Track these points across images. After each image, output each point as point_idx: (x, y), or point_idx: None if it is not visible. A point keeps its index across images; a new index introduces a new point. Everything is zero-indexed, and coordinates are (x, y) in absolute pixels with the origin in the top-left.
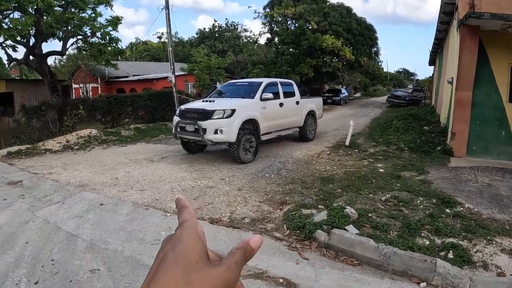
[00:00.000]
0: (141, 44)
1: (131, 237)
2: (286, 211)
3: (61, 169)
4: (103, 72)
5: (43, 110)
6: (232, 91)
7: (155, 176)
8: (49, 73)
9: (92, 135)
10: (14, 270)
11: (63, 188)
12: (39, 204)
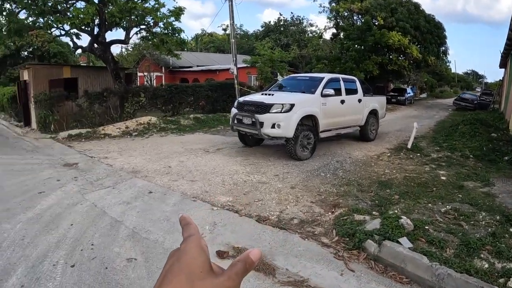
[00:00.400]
0: (207, 35)
1: (174, 229)
2: (338, 215)
3: (117, 154)
4: (167, 61)
5: (105, 96)
6: (293, 86)
7: (208, 168)
8: (112, 61)
9: (151, 122)
10: (54, 251)
11: (115, 173)
12: (90, 187)
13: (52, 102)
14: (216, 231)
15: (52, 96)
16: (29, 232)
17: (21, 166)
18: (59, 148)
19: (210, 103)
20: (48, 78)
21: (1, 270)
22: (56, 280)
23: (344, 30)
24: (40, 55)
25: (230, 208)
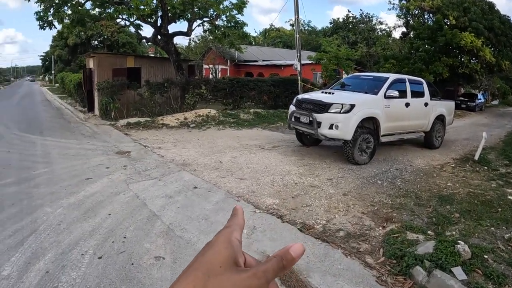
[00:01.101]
0: (274, 30)
1: (211, 229)
2: (389, 231)
3: (171, 145)
4: (233, 55)
5: (166, 86)
6: (355, 85)
7: (260, 166)
8: (174, 52)
9: (210, 115)
10: (86, 240)
11: (165, 164)
12: (137, 177)
13: (114, 90)
14: (253, 237)
15: (114, 84)
16: (67, 218)
17: (75, 150)
18: (116, 135)
19: (272, 99)
20: (112, 66)
21: (32, 254)
22: (81, 270)
23: (414, 29)
24: (109, 44)
25: (274, 212)
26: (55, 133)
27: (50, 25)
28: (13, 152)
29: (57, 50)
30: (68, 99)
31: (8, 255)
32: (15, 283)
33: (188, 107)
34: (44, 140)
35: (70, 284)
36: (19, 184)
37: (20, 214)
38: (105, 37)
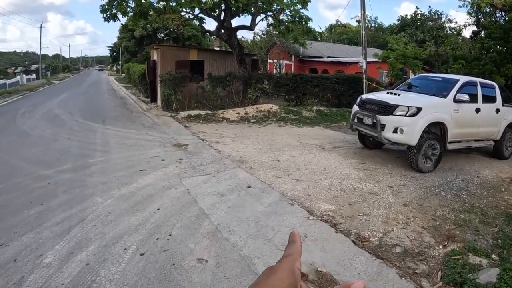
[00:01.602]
0: (340, 26)
1: (260, 234)
2: (450, 251)
3: (229, 140)
4: (298, 50)
5: (228, 80)
6: (423, 86)
7: (318, 167)
8: (237, 46)
9: (272, 110)
10: (131, 234)
11: (221, 160)
12: (191, 172)
13: (176, 82)
14: (303, 246)
15: (176, 76)
16: (116, 210)
17: (134, 141)
18: (175, 127)
19: (336, 97)
20: (175, 59)
21: (76, 244)
22: (121, 266)
23: (485, 28)
24: (175, 37)
25: (328, 220)
26: (117, 123)
27: (114, 18)
28: (73, 139)
29: (124, 42)
30: (133, 89)
31: (52, 243)
32: (54, 273)
33: (250, 101)
34: (105, 129)
35: (108, 279)
36: (75, 172)
37: (71, 202)
38: (171, 30)
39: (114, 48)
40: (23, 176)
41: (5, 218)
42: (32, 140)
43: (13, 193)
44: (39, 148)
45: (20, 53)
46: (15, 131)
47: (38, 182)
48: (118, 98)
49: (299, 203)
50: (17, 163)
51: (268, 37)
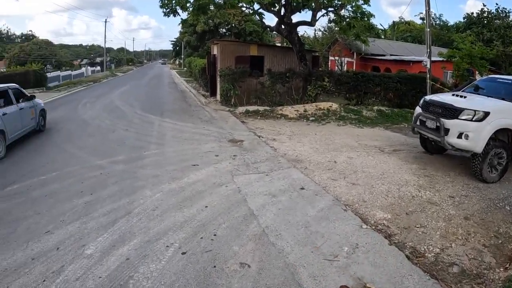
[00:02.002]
0: (404, 24)
1: (308, 240)
2: (510, 276)
3: (286, 138)
4: (360, 47)
5: (288, 76)
6: (491, 89)
7: (376, 171)
8: (298, 42)
9: (331, 109)
10: (175, 231)
11: (275, 158)
12: (244, 169)
13: (235, 77)
14: (353, 257)
15: (235, 71)
16: (163, 204)
17: (190, 134)
18: (233, 122)
19: (398, 97)
20: (235, 54)
21: (119, 237)
22: (161, 264)
23: None
24: (236, 32)
25: (382, 230)
26: (174, 116)
27: (174, 13)
28: (131, 131)
29: (186, 36)
30: (194, 83)
31: (96, 234)
32: (93, 265)
33: (309, 99)
34: (162, 121)
35: (146, 276)
36: (128, 163)
37: (120, 194)
38: (233, 25)
39: (176, 42)
40: (78, 164)
41: (55, 205)
42: (91, 130)
43: (66, 181)
44: (97, 138)
45: (86, 46)
46: (76, 121)
47: (91, 171)
48: (179, 91)
49: (353, 209)
50: (74, 152)
51: (329, 34)
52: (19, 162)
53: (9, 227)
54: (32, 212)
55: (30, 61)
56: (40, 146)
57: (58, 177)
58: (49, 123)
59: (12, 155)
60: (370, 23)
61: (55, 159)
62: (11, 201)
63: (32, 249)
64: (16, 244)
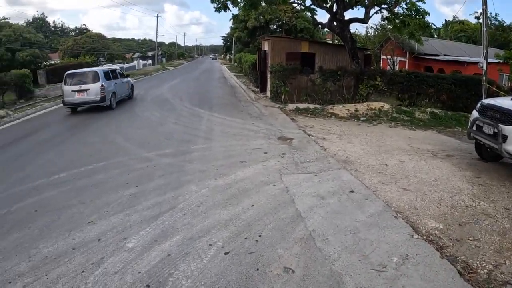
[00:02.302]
0: (458, 23)
1: (356, 248)
2: None
3: (336, 138)
4: (413, 46)
5: (339, 75)
6: None
7: (429, 176)
8: (350, 40)
9: (383, 109)
10: (218, 230)
11: (325, 158)
12: (292, 168)
13: (286, 74)
14: (402, 270)
15: (286, 68)
16: (208, 201)
17: (238, 130)
18: (282, 119)
19: (451, 99)
20: (286, 50)
21: (162, 232)
22: (202, 263)
23: None
24: (287, 29)
25: (434, 241)
26: (223, 110)
27: (224, 8)
28: (179, 124)
29: (237, 32)
30: (244, 79)
31: (139, 228)
32: (134, 259)
33: (361, 98)
34: (211, 116)
35: (186, 275)
36: (175, 156)
37: (165, 188)
38: (283, 21)
39: (227, 38)
40: (125, 156)
41: (101, 196)
42: (140, 122)
43: (113, 172)
44: (146, 130)
45: (138, 40)
46: (126, 113)
47: (138, 163)
48: (228, 86)
49: (404, 217)
50: (122, 143)
51: (382, 32)
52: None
53: (54, 215)
54: (77, 202)
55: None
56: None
57: (105, 167)
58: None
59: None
60: (425, 21)
61: (103, 150)
62: (57, 189)
63: (74, 239)
64: (58, 233)
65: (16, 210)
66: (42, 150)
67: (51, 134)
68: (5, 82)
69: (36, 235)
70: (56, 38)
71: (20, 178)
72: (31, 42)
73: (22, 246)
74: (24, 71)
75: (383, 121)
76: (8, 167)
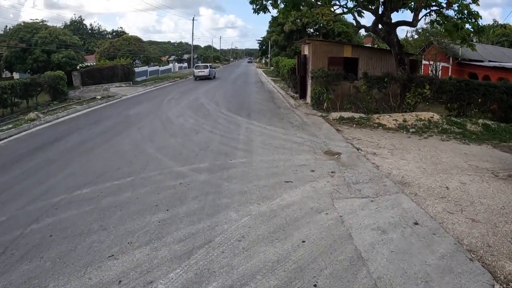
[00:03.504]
0: (499, 27)
1: None
2: None
3: (387, 153)
4: (456, 52)
5: (386, 82)
6: None
7: (495, 203)
8: (397, 44)
9: (433, 120)
10: (264, 275)
11: (380, 179)
12: (345, 191)
13: (329, 80)
14: None
15: (329, 74)
16: (251, 234)
17: (280, 141)
18: (326, 130)
19: (503, 109)
20: (328, 55)
21: (195, 275)
22: None
23: None
24: (324, 33)
25: None
26: (262, 118)
27: (264, 9)
28: (216, 133)
29: (274, 36)
30: (281, 83)
31: (168, 268)
32: None
33: (408, 107)
34: (250, 124)
35: None
36: (211, 172)
37: (200, 213)
38: (321, 25)
39: (263, 41)
40: (156, 169)
41: (125, 221)
42: (174, 129)
43: (141, 190)
44: (179, 139)
45: (174, 43)
46: (160, 117)
47: (169, 180)
48: (266, 91)
49: (478, 257)
50: (154, 154)
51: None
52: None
53: (70, 242)
54: (98, 227)
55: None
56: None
57: (132, 183)
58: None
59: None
60: (480, 25)
61: (132, 161)
62: (77, 209)
63: (90, 278)
64: (73, 268)
65: (30, 232)
66: (69, 158)
67: (81, 139)
68: (39, 83)
69: (47, 269)
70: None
71: (40, 192)
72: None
73: (31, 282)
74: (58, 73)
75: (434, 133)
76: (31, 177)
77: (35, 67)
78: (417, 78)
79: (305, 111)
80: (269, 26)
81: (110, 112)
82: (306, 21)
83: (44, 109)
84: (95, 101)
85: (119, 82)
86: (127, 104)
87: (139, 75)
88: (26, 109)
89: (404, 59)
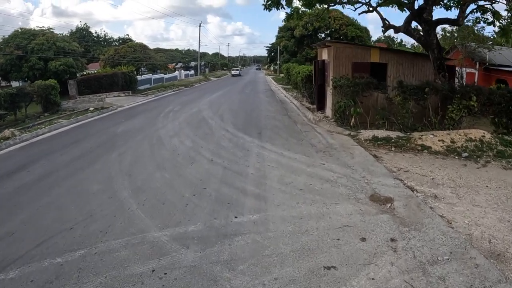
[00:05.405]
0: None
1: None
2: None
3: (451, 194)
4: (484, 56)
5: (426, 92)
6: None
7: None
8: (436, 47)
9: (484, 140)
10: None
11: (465, 252)
12: (423, 283)
13: (357, 90)
14: None
15: (357, 83)
16: None
17: (305, 179)
18: (361, 156)
19: None
20: (352, 60)
21: None
22: None
23: None
24: (337, 37)
25: None
26: (277, 138)
27: (277, 5)
28: (217, 163)
29: (283, 41)
30: (293, 92)
31: None
32: None
33: (451, 122)
34: (262, 148)
35: None
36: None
37: None
38: (333, 29)
39: (271, 48)
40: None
41: None
42: (163, 156)
43: (88, 284)
44: (167, 173)
45: (181, 51)
46: (150, 138)
47: (137, 260)
48: (277, 101)
49: None
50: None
51: (448, 38)
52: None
53: None
54: None
55: (124, 63)
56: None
57: (79, 265)
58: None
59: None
60: None
61: (95, 214)
62: None
63: None
64: None
65: None
66: (17, 204)
67: (45, 170)
68: (27, 93)
69: None
70: (99, 47)
71: None
72: (65, 51)
73: None
74: (50, 82)
75: (489, 157)
76: None
77: (31, 75)
78: (462, 88)
79: (328, 128)
80: (279, 31)
81: (96, 128)
82: (317, 25)
83: (29, 123)
84: (85, 114)
85: (118, 91)
86: (119, 118)
87: (142, 83)
88: (13, 122)
89: (444, 64)
